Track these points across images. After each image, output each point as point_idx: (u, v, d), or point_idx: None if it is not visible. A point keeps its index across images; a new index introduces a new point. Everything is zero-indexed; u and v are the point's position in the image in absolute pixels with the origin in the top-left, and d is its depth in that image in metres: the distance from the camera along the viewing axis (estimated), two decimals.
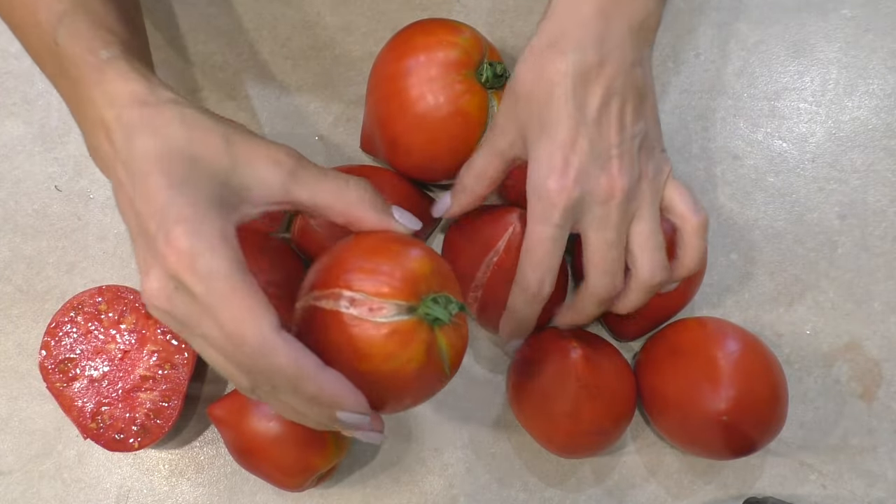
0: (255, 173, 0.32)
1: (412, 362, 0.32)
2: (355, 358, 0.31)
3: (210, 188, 0.31)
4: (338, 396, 0.31)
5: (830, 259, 0.52)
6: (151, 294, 0.30)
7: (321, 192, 0.34)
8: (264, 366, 0.29)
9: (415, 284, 0.32)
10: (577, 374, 0.43)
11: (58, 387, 0.47)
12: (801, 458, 0.49)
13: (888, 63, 0.54)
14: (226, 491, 0.49)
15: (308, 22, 0.55)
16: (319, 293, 0.33)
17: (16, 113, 0.54)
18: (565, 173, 0.38)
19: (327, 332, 0.32)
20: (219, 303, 0.29)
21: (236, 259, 0.30)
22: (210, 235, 0.29)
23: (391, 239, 0.34)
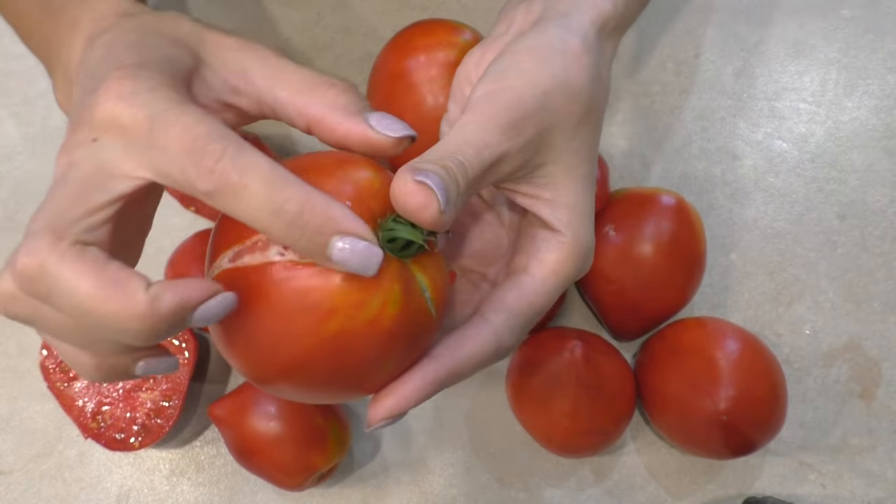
0: (219, 53, 0.27)
1: (390, 306, 0.24)
2: (313, 320, 0.23)
3: (163, 50, 0.26)
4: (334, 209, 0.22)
5: (830, 259, 0.52)
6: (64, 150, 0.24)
7: (281, 82, 0.27)
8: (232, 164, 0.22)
9: (367, 204, 0.24)
10: (577, 374, 0.43)
11: (59, 386, 0.47)
12: (801, 458, 0.49)
13: (888, 63, 0.55)
14: (226, 490, 0.49)
15: (308, 22, 0.55)
16: (236, 249, 0.24)
17: (17, 113, 0.54)
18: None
19: (261, 298, 0.23)
20: (168, 118, 0.23)
21: (182, 92, 0.24)
22: (153, 76, 0.24)
23: (322, 157, 0.26)
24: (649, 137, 0.54)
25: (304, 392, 0.26)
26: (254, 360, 0.25)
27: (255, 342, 0.24)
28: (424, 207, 0.23)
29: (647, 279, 0.45)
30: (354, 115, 0.26)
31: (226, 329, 0.25)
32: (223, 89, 0.27)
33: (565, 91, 0.28)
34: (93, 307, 0.22)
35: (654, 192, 0.47)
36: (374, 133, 0.26)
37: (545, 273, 0.29)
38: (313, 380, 0.25)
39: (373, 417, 0.26)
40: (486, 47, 0.32)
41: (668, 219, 0.46)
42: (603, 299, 0.47)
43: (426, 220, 0.23)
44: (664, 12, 0.55)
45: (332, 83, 0.27)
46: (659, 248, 0.45)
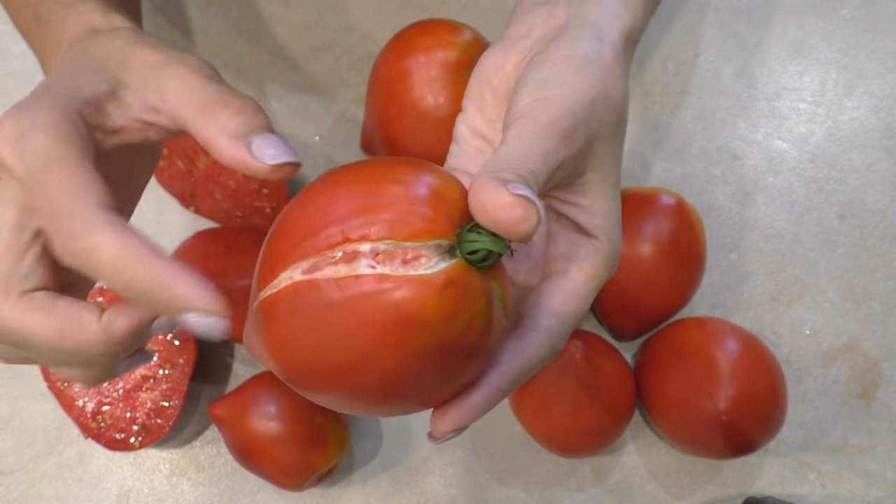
0: (141, 73, 0.28)
1: (478, 319, 0.23)
2: (403, 333, 0.22)
3: (76, 77, 0.27)
4: (179, 288, 0.23)
5: (830, 259, 0.52)
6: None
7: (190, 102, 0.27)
8: (80, 246, 0.23)
9: (448, 213, 0.23)
10: (577, 374, 0.43)
11: (59, 386, 0.47)
12: (801, 458, 0.49)
13: (887, 63, 0.55)
14: (226, 490, 0.49)
15: (308, 22, 0.55)
16: (314, 261, 0.23)
17: None
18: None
19: (345, 309, 0.22)
20: (40, 179, 0.24)
21: (70, 141, 0.25)
22: (45, 115, 0.25)
23: (380, 162, 0.25)
24: (649, 137, 0.54)
25: (363, 404, 0.25)
26: (319, 369, 0.24)
27: (326, 353, 0.23)
28: (524, 220, 0.23)
29: (647, 279, 0.45)
30: (237, 141, 0.27)
31: (285, 335, 0.24)
32: (141, 108, 0.28)
33: (606, 102, 0.29)
34: (54, 345, 0.24)
35: (654, 192, 0.47)
36: (252, 159, 0.26)
37: (585, 278, 0.29)
38: (382, 392, 0.24)
39: (439, 430, 0.26)
40: (506, 50, 0.32)
41: (668, 219, 0.46)
42: (603, 299, 0.47)
43: (523, 233, 0.23)
44: (664, 12, 0.55)
45: (227, 103, 0.27)
46: (659, 248, 0.45)
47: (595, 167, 0.29)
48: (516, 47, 0.32)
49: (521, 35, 0.33)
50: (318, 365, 0.24)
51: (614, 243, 0.30)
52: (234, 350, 0.51)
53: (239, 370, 0.51)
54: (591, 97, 0.28)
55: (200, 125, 0.27)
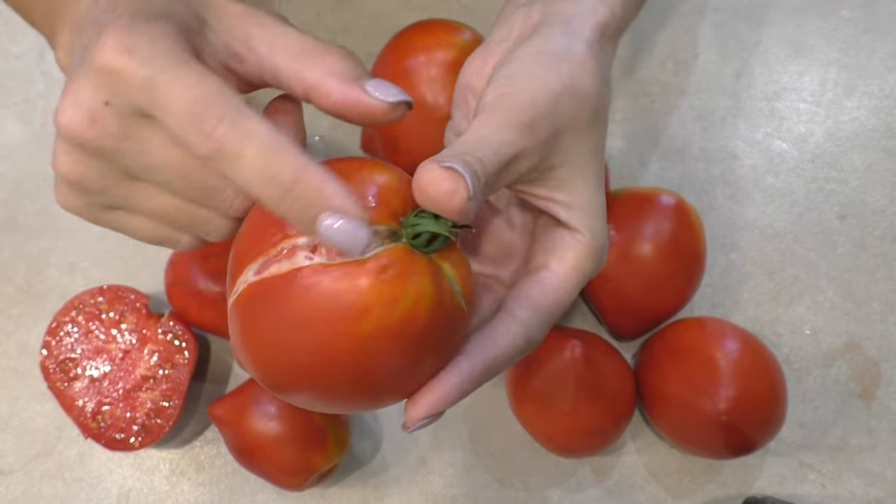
0: (224, 18, 0.27)
1: (423, 300, 0.23)
2: (347, 321, 0.22)
3: (167, 6, 0.25)
4: (327, 185, 0.22)
5: (830, 259, 0.52)
6: (69, 115, 0.23)
7: (281, 48, 0.27)
8: (229, 130, 0.22)
9: (387, 201, 0.24)
10: (577, 374, 0.43)
11: (59, 386, 0.47)
12: (801, 458, 0.49)
13: (887, 63, 0.55)
14: (226, 490, 0.49)
15: (308, 22, 0.55)
16: (262, 261, 0.24)
17: (17, 113, 0.54)
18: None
19: (292, 305, 0.23)
20: (169, 77, 0.23)
21: (186, 47, 0.24)
22: (152, 27, 0.24)
23: (338, 161, 0.26)
24: (649, 137, 0.54)
25: (336, 399, 0.25)
26: (285, 369, 0.24)
27: (286, 351, 0.24)
28: (453, 194, 0.23)
29: (647, 279, 0.45)
30: (350, 82, 0.26)
31: (250, 339, 0.25)
32: (226, 54, 0.27)
33: (574, 96, 0.29)
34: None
35: (654, 192, 0.47)
36: (370, 98, 0.26)
37: (567, 269, 0.29)
38: (349, 385, 0.24)
39: (412, 417, 0.26)
40: (486, 53, 0.32)
41: (668, 219, 0.46)
42: (603, 299, 0.47)
43: (455, 208, 0.23)
44: (664, 12, 0.55)
45: (330, 50, 0.27)
46: (659, 248, 0.45)
47: (565, 161, 0.29)
48: (496, 50, 0.32)
49: (502, 38, 0.33)
50: (284, 363, 0.24)
51: (598, 237, 0.29)
52: None
53: (239, 370, 0.51)
54: (556, 91, 0.28)
55: (302, 70, 0.26)
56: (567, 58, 0.29)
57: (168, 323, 0.47)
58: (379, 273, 0.22)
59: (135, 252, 0.52)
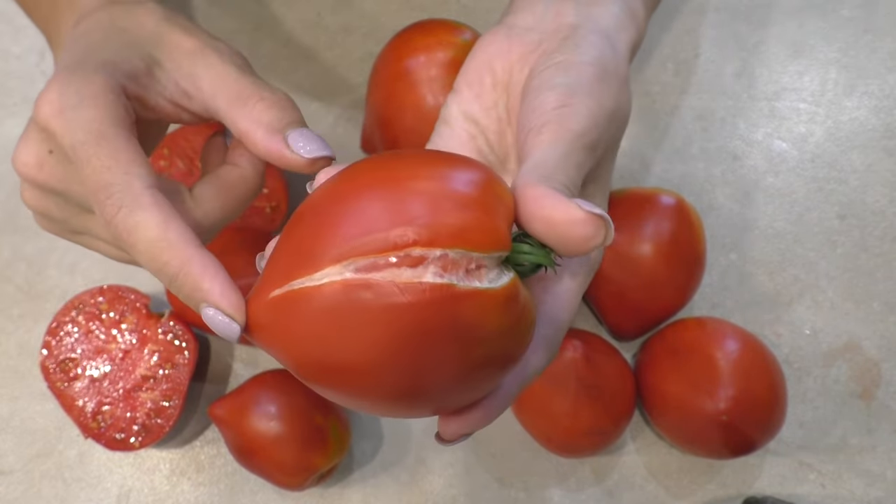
0: (175, 56, 0.29)
1: (528, 332, 0.23)
2: (460, 345, 0.21)
3: (114, 50, 0.27)
4: (205, 282, 0.24)
5: (830, 259, 0.52)
6: (22, 161, 0.27)
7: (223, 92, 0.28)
8: (122, 221, 0.25)
9: (507, 222, 0.23)
10: (577, 374, 0.43)
11: (59, 386, 0.47)
12: (801, 458, 0.49)
13: (887, 63, 0.55)
14: (226, 490, 0.49)
15: (308, 22, 0.55)
16: (369, 260, 0.21)
17: (17, 113, 0.54)
18: None
19: (398, 316, 0.21)
20: (85, 153, 0.25)
21: (114, 114, 0.26)
22: (88, 86, 0.26)
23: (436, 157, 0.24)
24: (649, 137, 0.54)
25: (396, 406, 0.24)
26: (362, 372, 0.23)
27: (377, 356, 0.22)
28: (593, 238, 0.22)
29: (647, 279, 0.45)
30: (275, 134, 0.27)
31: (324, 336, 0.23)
32: (175, 91, 0.29)
33: (619, 116, 0.29)
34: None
35: (654, 192, 0.47)
36: (289, 152, 0.27)
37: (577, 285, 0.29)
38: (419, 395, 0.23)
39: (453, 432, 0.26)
40: (512, 38, 0.31)
41: (668, 219, 0.46)
42: (603, 299, 0.47)
43: (589, 250, 0.23)
44: (664, 12, 0.55)
45: (262, 97, 0.28)
46: (659, 248, 0.45)
47: (597, 178, 0.29)
48: (523, 38, 0.31)
49: (528, 26, 0.32)
50: (353, 363, 0.22)
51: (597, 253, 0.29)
52: (234, 350, 0.51)
53: (239, 370, 0.51)
54: (611, 110, 0.28)
55: (235, 116, 0.28)
56: (616, 75, 0.29)
57: (168, 323, 0.47)
58: (504, 304, 0.22)
59: None
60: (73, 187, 0.27)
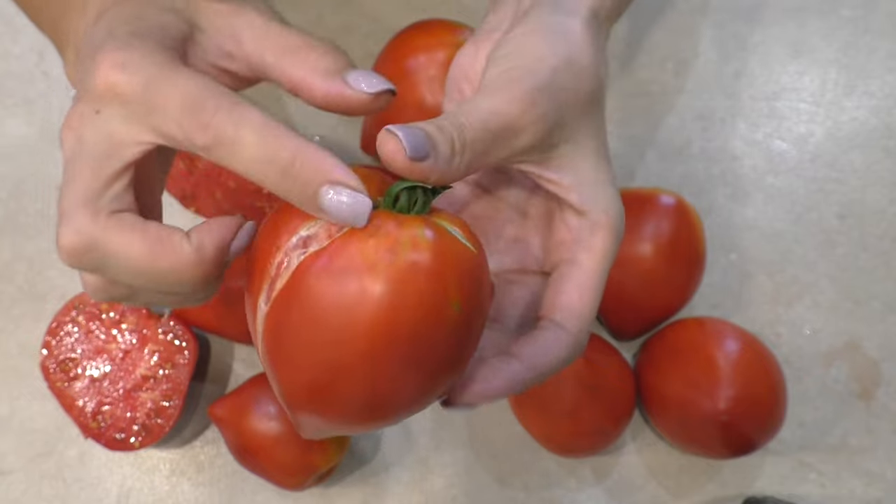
0: (213, 20, 0.28)
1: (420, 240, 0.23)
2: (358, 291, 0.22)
3: (157, 17, 0.27)
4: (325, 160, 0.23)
5: (830, 259, 0.52)
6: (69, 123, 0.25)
7: (270, 46, 0.28)
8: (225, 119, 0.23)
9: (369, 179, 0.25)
10: (577, 374, 0.43)
11: (59, 386, 0.47)
12: (801, 458, 0.49)
13: (887, 63, 0.55)
14: (226, 490, 0.49)
15: (308, 22, 0.55)
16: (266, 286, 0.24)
17: (17, 113, 0.54)
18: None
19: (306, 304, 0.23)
20: (164, 82, 0.24)
21: (174, 56, 0.25)
22: (144, 44, 0.25)
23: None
24: (649, 137, 0.54)
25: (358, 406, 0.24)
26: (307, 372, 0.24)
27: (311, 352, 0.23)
28: (395, 153, 0.24)
29: (647, 279, 0.46)
30: (333, 77, 0.26)
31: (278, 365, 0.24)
32: (218, 54, 0.28)
33: (572, 68, 0.28)
34: (146, 267, 0.24)
35: (654, 192, 0.47)
36: (351, 91, 0.26)
37: (597, 261, 0.29)
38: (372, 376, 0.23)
39: (460, 399, 0.26)
40: (478, 42, 0.32)
41: (668, 219, 0.46)
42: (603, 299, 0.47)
43: (398, 166, 0.24)
44: (664, 12, 0.55)
45: (314, 46, 0.27)
46: (659, 248, 0.45)
47: (568, 137, 0.29)
48: (489, 38, 0.32)
49: (493, 27, 0.32)
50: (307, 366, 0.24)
51: (612, 213, 0.29)
52: (234, 350, 0.51)
53: (239, 370, 0.51)
54: (554, 65, 0.28)
55: (287, 67, 0.27)
56: (563, 33, 0.29)
57: (168, 323, 0.47)
58: (372, 233, 0.23)
59: None
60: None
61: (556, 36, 0.29)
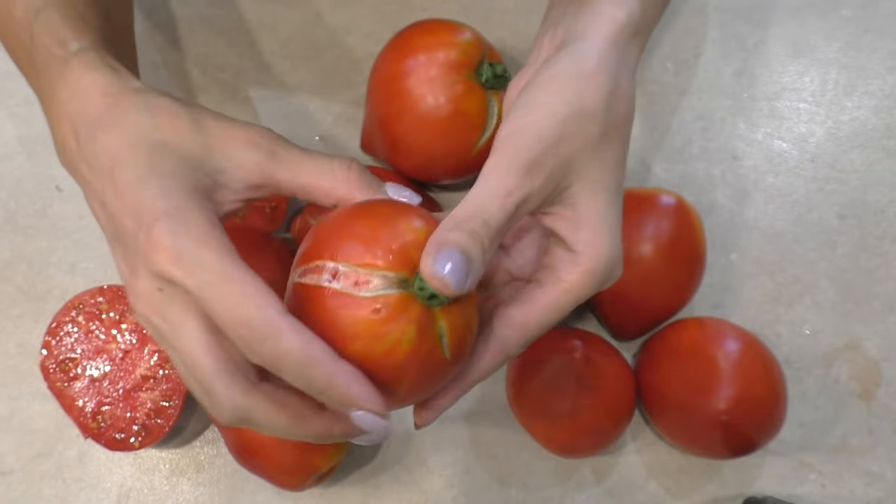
0: (230, 156, 0.30)
1: (402, 344, 0.27)
2: (341, 340, 0.27)
3: (183, 175, 0.29)
4: (352, 390, 0.27)
5: (830, 259, 0.52)
6: (139, 297, 0.28)
7: (304, 172, 0.31)
8: (270, 350, 0.26)
9: (408, 254, 0.28)
10: (577, 374, 0.43)
11: (59, 386, 0.47)
12: (801, 458, 0.49)
13: (887, 63, 0.55)
14: (226, 490, 0.49)
15: (308, 22, 0.55)
16: (304, 268, 0.29)
17: (17, 113, 0.54)
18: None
19: (311, 311, 0.28)
20: (215, 292, 0.26)
21: (225, 247, 0.27)
22: (192, 226, 0.27)
23: (386, 204, 0.30)
24: (649, 137, 0.54)
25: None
26: None
27: None
28: (444, 288, 0.27)
29: (647, 279, 0.45)
30: (375, 190, 0.31)
31: None
32: (244, 190, 0.30)
33: (579, 116, 0.30)
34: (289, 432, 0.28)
35: (654, 192, 0.47)
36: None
37: (559, 292, 0.30)
38: None
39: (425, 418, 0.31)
40: (519, 79, 0.34)
41: (668, 219, 0.46)
42: (603, 299, 0.47)
43: (450, 295, 0.27)
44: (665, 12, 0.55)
45: (345, 163, 0.31)
46: (659, 248, 0.45)
47: (578, 178, 0.30)
48: (526, 74, 0.33)
49: (532, 61, 0.34)
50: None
51: (599, 257, 0.30)
52: None
53: None
54: (562, 117, 0.29)
55: (328, 188, 0.31)
56: (576, 75, 0.30)
57: None
58: (373, 312, 0.27)
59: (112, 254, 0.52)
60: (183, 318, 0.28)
61: (569, 81, 0.30)
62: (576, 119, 0.30)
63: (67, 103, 0.30)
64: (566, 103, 0.30)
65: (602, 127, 0.30)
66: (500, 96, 0.46)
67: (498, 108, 0.45)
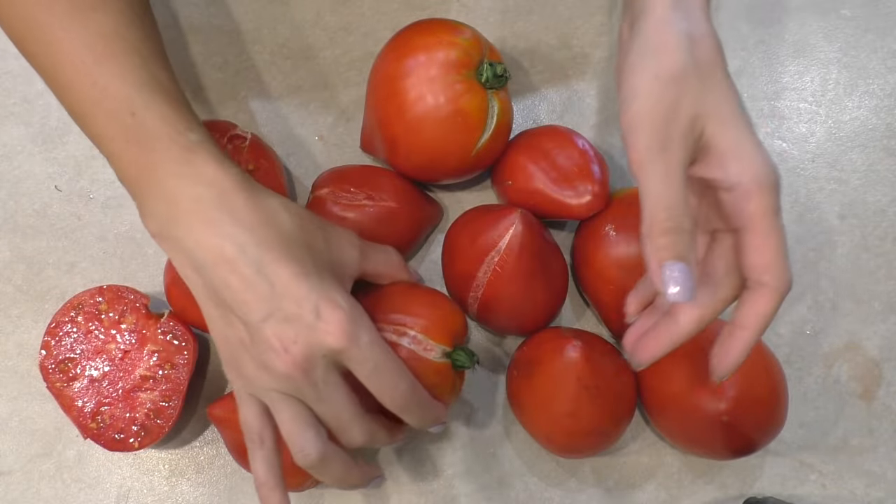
0: (343, 254, 0.40)
1: (448, 391, 0.43)
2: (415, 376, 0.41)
3: (328, 270, 0.37)
4: (439, 412, 0.41)
5: (830, 259, 0.52)
6: (293, 367, 0.35)
7: (378, 263, 0.43)
8: (402, 394, 0.38)
9: (454, 336, 0.43)
10: (577, 374, 0.43)
11: (58, 387, 0.47)
12: (801, 458, 0.49)
13: (888, 63, 0.54)
14: (226, 491, 0.49)
15: (308, 22, 0.55)
16: (383, 326, 0.41)
17: (16, 113, 0.54)
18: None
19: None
20: (391, 362, 0.37)
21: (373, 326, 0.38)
22: (354, 307, 0.36)
23: (433, 293, 0.44)
24: None
25: None
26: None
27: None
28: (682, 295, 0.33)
29: None
30: (407, 271, 0.46)
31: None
32: (349, 279, 0.41)
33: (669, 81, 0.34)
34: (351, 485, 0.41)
35: None
36: (412, 277, 0.46)
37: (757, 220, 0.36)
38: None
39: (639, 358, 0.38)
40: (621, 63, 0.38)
41: None
42: (603, 299, 0.47)
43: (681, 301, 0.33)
44: None
45: (387, 249, 0.45)
46: None
47: (704, 122, 0.34)
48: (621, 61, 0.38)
49: (619, 50, 0.39)
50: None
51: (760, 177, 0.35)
52: None
53: None
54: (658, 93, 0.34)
55: (389, 271, 0.45)
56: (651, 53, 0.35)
57: (168, 323, 0.47)
58: (435, 372, 0.41)
59: (134, 252, 0.52)
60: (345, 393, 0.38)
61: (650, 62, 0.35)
62: (669, 85, 0.34)
63: (200, 187, 0.35)
64: (655, 77, 0.34)
65: (694, 74, 0.34)
66: (500, 96, 0.45)
67: (498, 107, 0.45)
